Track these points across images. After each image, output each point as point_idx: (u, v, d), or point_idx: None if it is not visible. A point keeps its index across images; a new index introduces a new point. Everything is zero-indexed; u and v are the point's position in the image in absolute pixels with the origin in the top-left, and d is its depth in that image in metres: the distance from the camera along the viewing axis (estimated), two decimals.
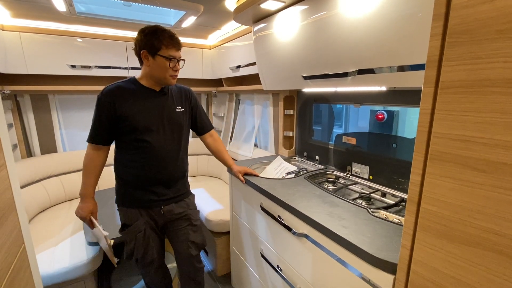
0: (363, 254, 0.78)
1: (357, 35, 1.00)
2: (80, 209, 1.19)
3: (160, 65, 1.13)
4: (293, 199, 1.13)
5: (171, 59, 1.13)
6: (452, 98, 0.54)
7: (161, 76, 1.16)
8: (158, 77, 1.17)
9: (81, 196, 1.19)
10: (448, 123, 0.54)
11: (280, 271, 1.22)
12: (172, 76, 1.17)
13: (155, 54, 1.12)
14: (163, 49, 1.11)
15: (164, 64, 1.13)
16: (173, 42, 1.13)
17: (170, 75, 1.16)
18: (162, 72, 1.15)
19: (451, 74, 0.53)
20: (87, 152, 1.18)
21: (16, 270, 0.67)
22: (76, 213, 1.20)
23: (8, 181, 0.69)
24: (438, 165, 0.57)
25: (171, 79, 1.18)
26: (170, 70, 1.15)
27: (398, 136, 1.30)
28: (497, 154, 0.49)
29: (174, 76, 1.18)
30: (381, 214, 1.02)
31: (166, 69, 1.14)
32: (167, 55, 1.12)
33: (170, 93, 1.26)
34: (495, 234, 0.51)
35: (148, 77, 1.19)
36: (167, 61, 1.12)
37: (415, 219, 0.63)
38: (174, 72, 1.17)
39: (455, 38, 0.52)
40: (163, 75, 1.16)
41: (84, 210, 1.19)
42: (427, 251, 0.61)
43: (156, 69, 1.15)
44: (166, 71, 1.15)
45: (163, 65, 1.13)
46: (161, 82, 1.19)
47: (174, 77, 1.19)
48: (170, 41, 1.12)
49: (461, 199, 0.54)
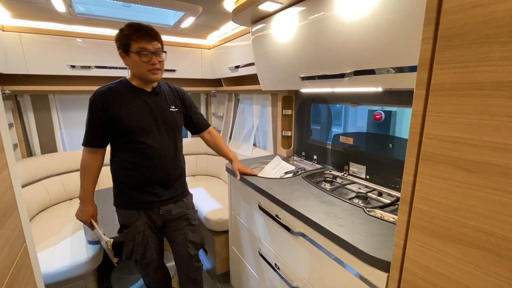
0: (358, 253, 0.80)
1: (353, 36, 1.01)
2: (80, 213, 1.20)
3: (134, 62, 1.09)
4: (290, 198, 1.14)
5: (141, 52, 1.07)
6: (443, 100, 0.55)
7: (139, 73, 1.11)
8: (138, 74, 1.13)
9: (81, 200, 1.20)
10: (439, 124, 0.56)
11: (277, 269, 1.23)
12: (150, 71, 1.10)
13: (127, 51, 1.08)
14: (132, 44, 1.06)
15: (136, 60, 1.08)
16: (141, 34, 1.06)
17: (148, 70, 1.10)
18: (138, 68, 1.10)
19: (442, 77, 0.55)
20: (83, 156, 1.17)
21: (17, 268, 0.69)
22: (77, 217, 1.21)
23: (9, 181, 0.70)
24: (429, 165, 0.58)
25: (150, 74, 1.11)
26: (146, 65, 1.09)
27: (394, 136, 1.31)
28: (486, 155, 0.50)
29: (153, 70, 1.11)
30: (377, 213, 1.03)
31: (141, 64, 1.08)
32: (137, 49, 1.06)
33: (162, 93, 1.24)
34: (484, 233, 0.52)
35: (135, 77, 1.16)
36: (138, 55, 1.07)
37: (408, 218, 0.64)
38: (151, 66, 1.09)
39: (446, 42, 0.53)
40: (141, 71, 1.10)
41: (84, 214, 1.20)
42: (419, 250, 0.63)
43: (134, 67, 1.11)
44: (141, 66, 1.09)
45: (136, 61, 1.08)
46: (144, 79, 1.15)
47: (153, 72, 1.11)
48: (138, 34, 1.06)
49: (452, 199, 0.56)
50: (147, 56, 1.08)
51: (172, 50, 2.41)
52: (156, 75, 1.13)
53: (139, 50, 1.07)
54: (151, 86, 1.21)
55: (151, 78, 1.13)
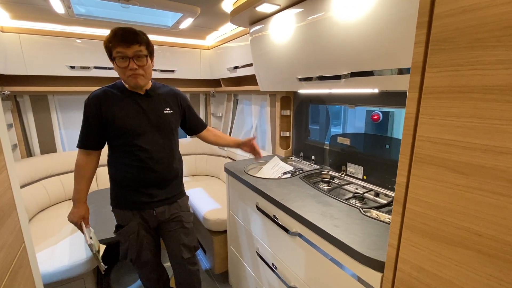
0: (354, 253, 0.81)
1: (349, 38, 1.02)
2: (72, 214, 1.20)
3: (117, 68, 1.07)
4: (287, 199, 1.15)
5: (117, 57, 1.04)
6: (435, 103, 0.56)
7: (122, 78, 1.11)
8: (122, 79, 1.13)
9: (73, 201, 1.20)
10: (431, 127, 0.57)
11: (275, 269, 1.24)
12: (131, 76, 1.07)
13: (111, 59, 1.08)
14: (112, 51, 1.04)
15: (115, 66, 1.07)
16: (117, 39, 1.02)
17: (128, 75, 1.07)
18: (120, 74, 1.09)
19: (434, 80, 0.55)
20: (78, 157, 1.18)
21: (16, 268, 0.70)
22: (68, 218, 1.21)
23: (8, 182, 0.71)
24: (422, 167, 0.59)
25: (131, 79, 1.08)
26: (125, 70, 1.06)
27: (391, 137, 1.32)
28: (476, 157, 0.51)
29: (132, 76, 1.07)
30: (373, 213, 1.04)
31: (121, 70, 1.06)
32: (115, 54, 1.04)
33: (157, 95, 1.23)
34: (475, 234, 0.53)
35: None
36: (119, 62, 1.05)
37: (401, 219, 0.65)
38: (130, 72, 1.06)
39: (438, 45, 0.54)
40: (122, 76, 1.09)
41: (75, 216, 1.19)
42: (413, 250, 0.64)
43: (117, 72, 1.10)
44: (122, 72, 1.07)
45: (116, 68, 1.08)
46: (129, 85, 1.14)
47: (133, 76, 1.07)
48: (114, 39, 1.03)
49: (443, 200, 0.57)
50: (124, 62, 1.05)
51: (171, 51, 2.43)
52: (135, 80, 1.09)
53: (116, 55, 1.05)
54: (144, 89, 1.20)
55: (131, 83, 1.11)
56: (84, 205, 1.22)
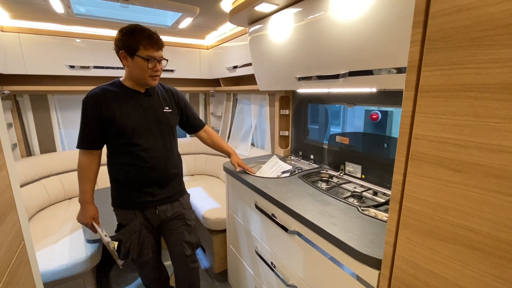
0: (351, 251, 0.81)
1: (347, 37, 1.03)
2: (81, 216, 1.20)
3: (139, 66, 1.10)
4: (286, 197, 1.15)
5: (149, 59, 1.09)
6: (431, 102, 0.56)
7: (140, 77, 1.13)
8: (137, 77, 1.15)
9: (81, 203, 1.20)
10: (427, 125, 0.57)
11: (273, 267, 1.25)
12: (152, 76, 1.14)
13: (133, 54, 1.09)
14: (141, 50, 1.08)
15: (142, 64, 1.10)
16: (152, 42, 1.09)
17: (150, 75, 1.13)
18: (141, 73, 1.12)
19: (430, 79, 0.56)
20: (79, 158, 1.17)
21: (16, 266, 0.70)
22: (78, 220, 1.21)
23: (8, 180, 0.72)
24: (418, 165, 0.60)
25: (151, 80, 1.14)
26: (149, 71, 1.12)
27: (390, 137, 1.32)
28: (471, 155, 0.52)
29: (154, 76, 1.15)
30: (371, 212, 1.04)
31: (145, 70, 1.11)
32: (145, 56, 1.08)
33: (156, 94, 1.25)
34: (470, 231, 0.54)
35: (130, 78, 1.17)
36: (145, 62, 1.09)
37: (398, 216, 0.66)
38: (154, 73, 1.13)
39: (433, 44, 0.55)
40: (142, 75, 1.13)
41: (85, 217, 1.20)
42: (409, 247, 0.64)
43: (135, 70, 1.12)
44: (144, 72, 1.11)
45: (141, 66, 1.10)
46: (141, 83, 1.17)
47: (154, 78, 1.15)
48: (148, 41, 1.08)
49: (439, 198, 0.57)
50: (153, 63, 1.11)
51: (170, 50, 2.43)
52: (155, 81, 1.18)
53: (148, 57, 1.09)
54: (144, 88, 1.21)
55: (151, 83, 1.17)
56: (92, 205, 1.22)
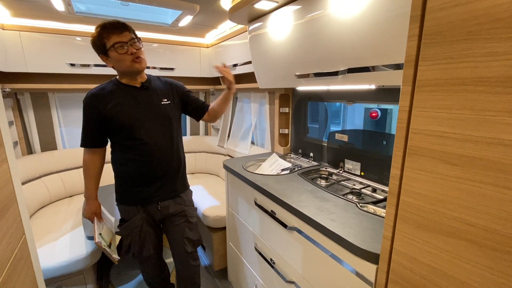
0: (349, 246, 0.82)
1: (347, 34, 1.03)
2: (85, 211, 1.27)
3: (116, 58, 1.09)
4: (285, 194, 1.16)
5: (115, 45, 1.07)
6: (428, 96, 0.57)
7: (124, 68, 1.12)
8: (123, 70, 1.14)
9: (85, 198, 1.26)
10: (424, 119, 0.58)
11: (273, 264, 1.25)
12: (133, 61, 1.11)
13: (105, 52, 1.09)
14: (106, 42, 1.07)
15: (117, 55, 1.08)
16: (109, 29, 1.07)
17: (131, 61, 1.10)
18: (121, 63, 1.10)
19: (427, 73, 0.56)
20: (84, 157, 1.21)
21: (16, 259, 0.71)
22: (83, 214, 1.29)
23: (9, 175, 0.72)
24: (415, 159, 0.60)
25: (135, 64, 1.11)
26: (125, 56, 1.09)
27: (389, 134, 1.33)
28: (468, 148, 0.52)
29: (136, 59, 1.11)
30: (370, 208, 1.05)
31: (121, 57, 1.09)
32: (112, 45, 1.07)
33: (153, 87, 1.24)
34: (466, 224, 0.54)
35: (122, 75, 1.18)
36: (115, 51, 1.07)
37: (395, 211, 0.66)
38: (131, 56, 1.10)
39: (430, 39, 0.55)
40: (124, 65, 1.11)
41: (87, 212, 1.27)
42: (406, 241, 0.65)
43: (117, 65, 1.12)
44: (123, 60, 1.10)
45: (117, 57, 1.09)
46: (130, 72, 1.15)
47: (136, 61, 1.11)
48: (106, 31, 1.07)
49: (436, 191, 0.58)
50: (123, 48, 1.08)
51: (170, 49, 2.43)
52: (139, 64, 1.13)
53: (115, 44, 1.07)
54: (139, 82, 1.21)
55: (137, 68, 1.13)
56: (95, 201, 1.27)
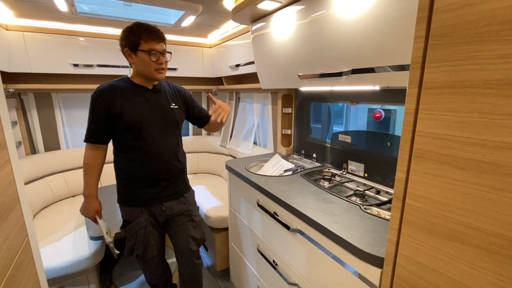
0: (353, 249, 0.81)
1: (350, 35, 1.02)
2: (85, 209, 1.24)
3: (142, 60, 1.12)
4: (288, 195, 1.15)
5: (151, 52, 1.11)
6: (435, 98, 0.56)
7: (146, 71, 1.15)
8: (144, 73, 1.16)
9: (85, 197, 1.23)
10: (431, 122, 0.57)
11: (275, 266, 1.25)
12: (157, 70, 1.15)
13: (136, 50, 1.11)
14: (142, 44, 1.10)
15: (145, 58, 1.12)
16: (151, 35, 1.11)
17: (155, 69, 1.15)
18: (146, 67, 1.14)
19: (433, 75, 0.55)
20: (86, 153, 1.20)
21: (19, 261, 0.71)
22: (82, 213, 1.24)
23: (12, 176, 0.72)
24: (421, 162, 0.59)
25: (157, 73, 1.16)
26: (154, 64, 1.13)
27: (393, 135, 1.31)
28: (475, 152, 0.51)
29: (159, 70, 1.16)
30: (373, 210, 1.04)
31: (149, 63, 1.13)
32: (147, 49, 1.11)
33: (163, 91, 1.27)
34: (473, 229, 0.53)
35: (138, 75, 1.19)
36: (148, 55, 1.11)
37: (401, 215, 0.65)
38: (158, 66, 1.15)
39: (437, 40, 0.54)
40: (148, 70, 1.14)
41: (89, 211, 1.24)
42: (412, 246, 0.64)
43: (140, 65, 1.14)
44: (149, 65, 1.13)
45: (145, 60, 1.12)
46: (149, 78, 1.18)
47: (160, 71, 1.16)
48: (147, 35, 1.10)
49: (442, 195, 0.57)
50: (156, 56, 1.13)
51: (173, 49, 2.39)
52: (162, 74, 1.18)
53: (150, 50, 1.11)
54: (152, 84, 1.23)
55: (157, 77, 1.17)
56: (97, 199, 1.25)
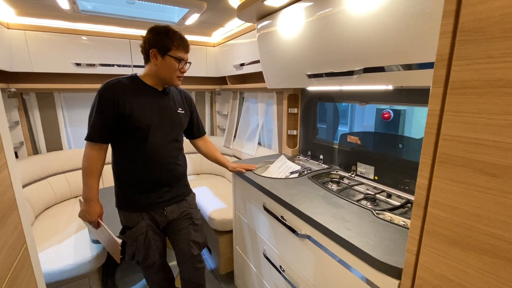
0: (367, 258, 0.77)
1: (363, 32, 0.97)
2: (87, 213, 1.14)
3: (169, 65, 1.14)
4: (296, 199, 1.11)
5: (180, 60, 1.14)
6: (462, 99, 0.51)
7: (167, 76, 1.16)
8: (164, 77, 1.17)
9: (86, 200, 1.14)
10: (458, 125, 0.52)
11: (282, 271, 1.21)
12: (178, 77, 1.18)
13: (165, 54, 1.12)
14: (173, 50, 1.12)
15: (172, 64, 1.14)
16: (183, 44, 1.15)
17: (177, 76, 1.17)
18: (170, 72, 1.15)
19: (461, 74, 0.51)
20: (88, 153, 1.11)
21: (17, 270, 0.67)
22: (82, 217, 1.15)
23: (9, 181, 0.69)
24: (446, 168, 0.55)
25: (177, 80, 1.19)
26: (177, 71, 1.16)
27: (404, 136, 1.27)
28: (508, 158, 0.47)
29: (180, 77, 1.19)
30: (386, 216, 0.99)
31: (174, 70, 1.15)
32: (177, 56, 1.13)
33: (171, 94, 1.27)
34: (505, 241, 0.49)
35: (153, 76, 1.18)
36: (177, 62, 1.14)
37: (422, 223, 0.61)
38: (180, 74, 1.18)
39: (466, 36, 0.50)
40: (170, 75, 1.16)
41: (91, 215, 1.14)
42: (434, 257, 0.59)
43: (164, 69, 1.15)
44: (173, 72, 1.15)
45: (171, 66, 1.14)
46: (166, 82, 1.19)
47: (179, 79, 1.20)
48: (180, 43, 1.13)
49: (470, 204, 0.52)
50: (181, 64, 1.16)
51: None
52: (180, 82, 1.22)
53: (179, 58, 1.14)
54: (162, 87, 1.22)
55: (176, 83, 1.20)
56: (99, 202, 1.17)
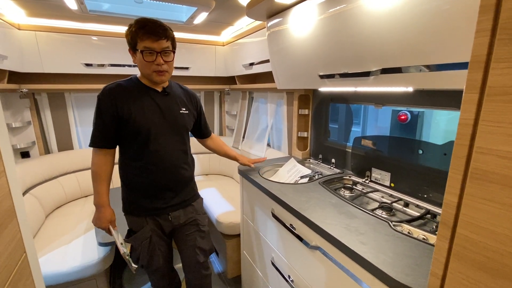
0: (384, 276, 0.70)
1: (380, 30, 0.90)
2: (98, 220, 1.12)
3: (140, 61, 1.04)
4: (306, 207, 1.05)
5: (144, 52, 1.01)
6: (503, 107, 0.44)
7: (145, 73, 1.07)
8: (144, 74, 1.08)
9: (96, 206, 1.12)
10: (497, 137, 0.45)
11: (291, 281, 1.15)
12: (156, 72, 1.05)
13: (135, 49, 1.04)
14: (138, 43, 1.01)
15: (141, 59, 1.03)
16: (146, 32, 0.99)
17: (154, 70, 1.05)
18: (145, 68, 1.05)
19: (502, 78, 0.44)
20: (94, 159, 1.09)
21: (15, 280, 0.65)
22: (94, 224, 1.13)
23: (7, 188, 0.67)
24: (480, 186, 0.48)
25: (156, 75, 1.06)
26: (151, 65, 1.03)
27: (422, 141, 1.18)
28: None
29: (159, 72, 1.05)
30: (404, 228, 0.92)
31: (146, 64, 1.03)
32: (143, 48, 1.01)
33: (173, 94, 1.19)
34: None
35: (143, 76, 1.12)
36: (148, 55, 1.02)
37: (449, 245, 0.54)
38: (156, 67, 1.04)
39: (508, 34, 0.43)
40: (146, 71, 1.06)
41: (102, 221, 1.12)
42: (463, 284, 0.52)
43: (140, 66, 1.06)
44: (147, 66, 1.04)
45: (142, 61, 1.03)
46: (151, 80, 1.10)
47: (159, 73, 1.06)
48: (143, 31, 1.00)
49: (509, 228, 0.45)
50: (151, 56, 1.02)
51: (185, 47, 2.37)
52: (161, 77, 1.08)
53: (144, 49, 1.01)
54: (161, 86, 1.16)
55: (156, 79, 1.08)
56: (109, 208, 1.14)
